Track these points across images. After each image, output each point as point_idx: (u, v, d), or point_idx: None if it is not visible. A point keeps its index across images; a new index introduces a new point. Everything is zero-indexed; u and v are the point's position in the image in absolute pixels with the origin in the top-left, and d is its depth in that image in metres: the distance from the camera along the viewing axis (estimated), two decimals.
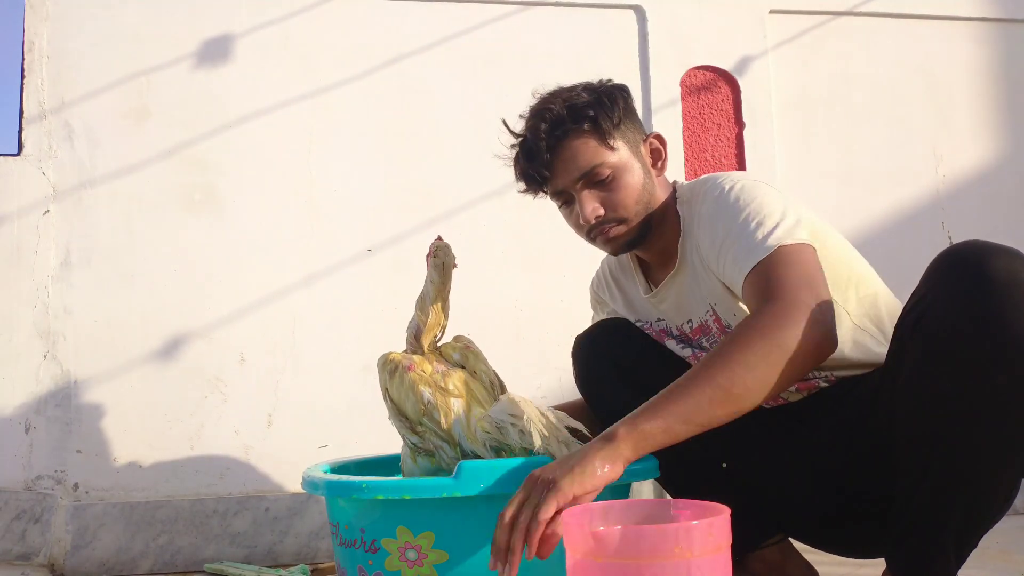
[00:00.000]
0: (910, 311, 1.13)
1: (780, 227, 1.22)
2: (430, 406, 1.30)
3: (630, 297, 1.54)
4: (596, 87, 1.39)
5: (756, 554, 1.41)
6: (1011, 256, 1.04)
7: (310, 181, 2.11)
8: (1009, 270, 1.02)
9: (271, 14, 2.14)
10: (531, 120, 1.37)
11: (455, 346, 1.42)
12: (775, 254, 1.19)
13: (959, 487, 1.10)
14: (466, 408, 1.30)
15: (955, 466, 1.09)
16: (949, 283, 1.07)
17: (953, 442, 1.08)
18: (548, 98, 1.38)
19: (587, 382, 1.54)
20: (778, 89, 2.36)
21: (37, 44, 2.01)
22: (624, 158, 1.35)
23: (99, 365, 1.96)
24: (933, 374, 1.08)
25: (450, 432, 1.29)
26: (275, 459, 2.01)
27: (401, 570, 1.18)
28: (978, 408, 1.06)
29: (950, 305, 1.05)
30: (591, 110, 1.33)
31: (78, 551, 1.86)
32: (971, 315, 1.04)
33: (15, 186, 1.97)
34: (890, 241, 2.34)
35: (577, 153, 1.33)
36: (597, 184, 1.34)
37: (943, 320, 1.06)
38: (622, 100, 1.38)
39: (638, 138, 1.39)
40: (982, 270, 1.03)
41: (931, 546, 1.12)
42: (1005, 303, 1.02)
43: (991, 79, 2.50)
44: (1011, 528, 1.97)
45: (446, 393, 1.31)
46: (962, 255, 1.07)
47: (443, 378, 1.34)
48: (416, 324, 1.41)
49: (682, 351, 1.47)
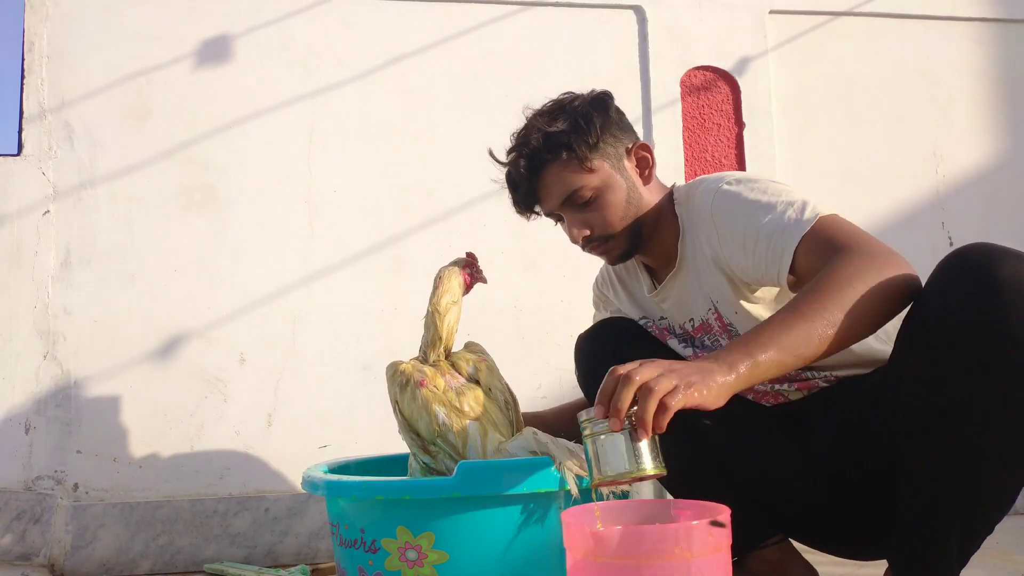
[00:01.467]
0: (916, 313, 1.12)
1: (808, 204, 1.23)
2: (444, 427, 1.27)
3: (635, 295, 1.55)
4: (575, 107, 1.40)
5: (756, 554, 1.41)
6: (1019, 260, 1.04)
7: (310, 181, 2.11)
8: (1016, 275, 1.02)
9: (271, 14, 2.14)
10: (512, 153, 1.42)
11: (468, 357, 1.39)
12: (819, 224, 1.20)
13: (963, 490, 1.10)
14: (482, 432, 1.28)
15: (959, 469, 1.09)
16: (956, 287, 1.06)
17: (957, 445, 1.08)
18: (527, 127, 1.42)
19: (589, 381, 1.54)
20: (778, 89, 2.36)
21: (37, 44, 2.01)
22: (604, 177, 1.38)
23: (99, 365, 1.96)
24: (938, 377, 1.07)
25: (465, 456, 1.27)
26: (275, 459, 2.01)
27: (401, 570, 1.18)
28: (983, 412, 1.05)
29: (956, 309, 1.05)
30: (566, 137, 1.36)
31: (78, 551, 1.86)
32: (977, 320, 1.03)
33: (15, 186, 1.97)
34: (890, 241, 2.29)
35: (556, 181, 1.38)
36: (580, 206, 1.38)
37: (949, 324, 1.06)
38: (600, 117, 1.39)
39: (620, 151, 1.41)
40: (989, 274, 1.03)
41: (934, 548, 1.12)
42: (1011, 308, 1.01)
43: (991, 79, 2.50)
44: (1011, 528, 1.97)
45: (461, 415, 1.28)
46: (969, 258, 1.07)
47: (457, 397, 1.31)
48: (433, 334, 1.38)
49: (683, 350, 1.48)
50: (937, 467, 1.10)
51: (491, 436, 1.27)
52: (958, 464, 1.08)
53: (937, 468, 1.10)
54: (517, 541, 1.18)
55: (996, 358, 1.03)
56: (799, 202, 1.24)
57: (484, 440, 1.27)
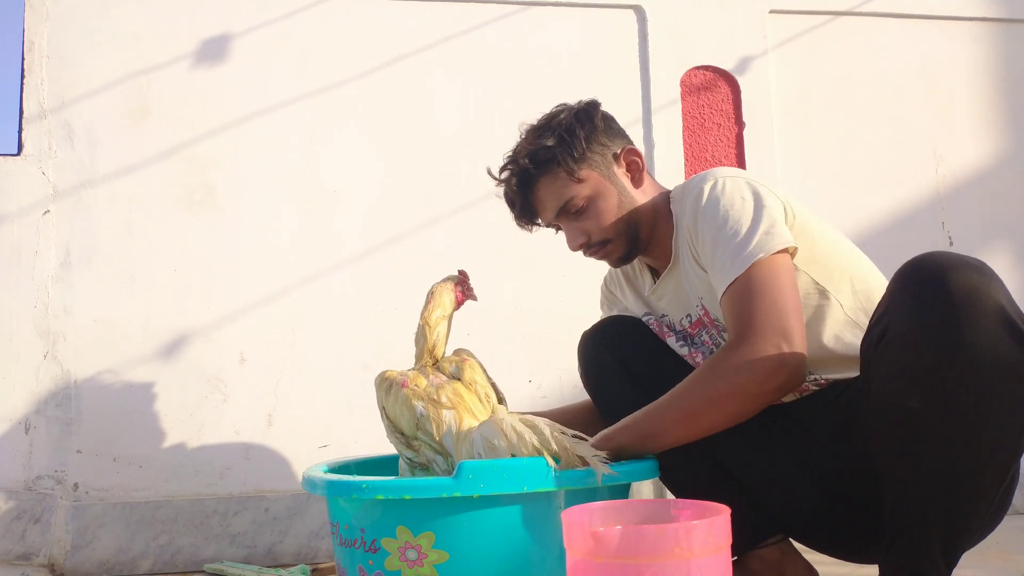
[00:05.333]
0: (874, 325, 1.13)
1: (754, 237, 1.27)
2: (423, 418, 1.32)
3: (639, 292, 1.58)
4: (560, 121, 1.46)
5: (756, 554, 1.41)
6: (971, 270, 1.03)
7: (310, 181, 2.11)
8: (968, 287, 1.02)
9: (271, 14, 2.13)
10: (504, 172, 1.49)
11: (452, 359, 1.45)
12: (748, 273, 1.25)
13: (938, 498, 1.10)
14: (457, 419, 1.32)
15: (931, 478, 1.09)
16: (909, 298, 1.07)
17: (926, 455, 1.08)
18: (517, 148, 1.48)
19: (591, 378, 1.57)
20: (778, 89, 2.36)
21: (37, 44, 2.01)
22: (594, 185, 1.44)
23: (99, 365, 1.96)
24: (900, 391, 1.08)
25: (442, 443, 1.31)
26: (275, 459, 2.01)
27: (401, 570, 1.18)
28: (946, 424, 1.06)
29: (911, 322, 1.06)
30: (552, 152, 1.42)
31: (78, 551, 1.86)
32: (932, 333, 1.03)
33: (15, 186, 1.97)
34: (890, 241, 2.34)
35: (548, 195, 1.45)
36: (574, 215, 1.44)
37: (904, 337, 1.06)
38: (585, 129, 1.44)
39: (608, 159, 1.46)
40: (941, 287, 1.03)
41: (918, 554, 1.12)
42: (964, 321, 1.01)
43: (991, 79, 2.50)
44: (1011, 528, 1.97)
45: (438, 405, 1.33)
46: (923, 269, 1.07)
47: (437, 391, 1.36)
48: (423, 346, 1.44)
49: (680, 349, 1.50)
50: (911, 476, 1.10)
51: (466, 421, 1.32)
52: (930, 473, 1.09)
53: (911, 477, 1.10)
54: (517, 541, 1.18)
55: (952, 374, 1.03)
56: (744, 231, 1.28)
57: (459, 426, 1.31)
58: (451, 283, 1.49)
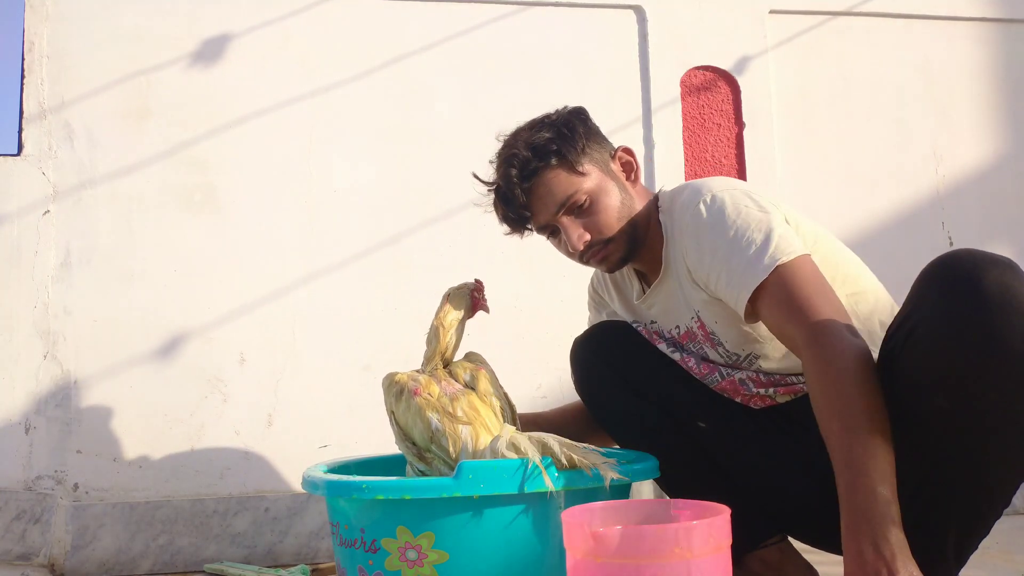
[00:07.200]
0: (902, 323, 1.12)
1: (770, 244, 1.23)
2: (438, 433, 1.27)
3: (627, 298, 1.56)
4: (553, 120, 1.42)
5: (756, 554, 1.41)
6: (1004, 268, 1.02)
7: (310, 181, 2.11)
8: (1002, 284, 1.00)
9: (271, 14, 2.13)
10: (501, 168, 1.42)
11: (466, 366, 1.40)
12: (776, 274, 1.21)
13: (957, 498, 1.10)
14: (474, 436, 1.27)
15: (953, 476, 1.09)
16: (941, 297, 1.05)
17: (950, 455, 1.08)
18: (511, 142, 1.42)
19: (585, 385, 1.54)
20: (778, 89, 2.36)
21: (37, 44, 2.01)
22: (596, 180, 1.39)
23: (99, 365, 1.96)
24: (927, 389, 1.07)
25: (457, 461, 1.26)
26: (275, 459, 2.01)
27: (401, 570, 1.18)
28: (973, 423, 1.05)
29: (942, 320, 1.04)
30: (553, 144, 1.37)
31: (78, 551, 1.86)
32: (964, 332, 1.02)
33: (15, 186, 1.97)
34: (890, 241, 2.34)
35: (551, 188, 1.38)
36: (576, 211, 1.39)
37: (935, 335, 1.05)
38: (581, 125, 1.41)
39: (606, 157, 1.43)
40: (975, 284, 1.01)
41: (930, 554, 1.12)
42: (997, 320, 1.00)
43: (991, 79, 2.50)
44: (1011, 528, 1.97)
45: (454, 419, 1.28)
46: (955, 267, 1.05)
47: (451, 402, 1.31)
48: (435, 347, 1.40)
49: (672, 354, 1.48)
50: (931, 476, 1.10)
51: (483, 439, 1.27)
52: (954, 471, 1.09)
53: (931, 477, 1.10)
54: (517, 541, 1.18)
55: (983, 373, 1.02)
56: (761, 240, 1.24)
57: (476, 443, 1.26)
58: (468, 289, 1.45)
